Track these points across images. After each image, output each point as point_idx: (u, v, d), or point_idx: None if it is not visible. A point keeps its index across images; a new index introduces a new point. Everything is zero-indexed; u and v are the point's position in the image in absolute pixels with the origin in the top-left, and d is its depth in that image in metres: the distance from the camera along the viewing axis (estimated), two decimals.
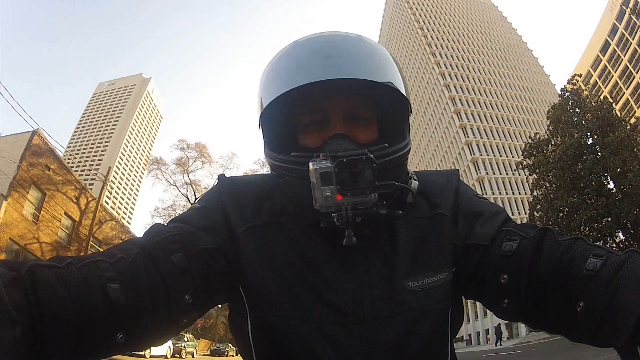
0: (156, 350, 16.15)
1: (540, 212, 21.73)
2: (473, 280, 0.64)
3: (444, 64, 72.59)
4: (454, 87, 69.00)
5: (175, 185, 27.70)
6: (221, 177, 0.72)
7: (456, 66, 73.21)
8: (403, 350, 0.59)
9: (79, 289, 0.42)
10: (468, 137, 62.91)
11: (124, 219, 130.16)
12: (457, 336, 0.69)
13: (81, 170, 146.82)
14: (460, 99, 67.36)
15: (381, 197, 0.58)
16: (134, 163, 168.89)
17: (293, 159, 0.62)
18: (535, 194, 23.13)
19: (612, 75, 56.95)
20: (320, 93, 0.62)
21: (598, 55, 59.87)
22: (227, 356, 30.93)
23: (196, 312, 0.57)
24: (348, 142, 0.61)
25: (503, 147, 64.03)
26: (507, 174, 59.83)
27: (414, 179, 0.67)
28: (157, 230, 0.58)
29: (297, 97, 0.61)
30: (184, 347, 21.21)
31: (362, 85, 0.60)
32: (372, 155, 0.56)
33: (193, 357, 22.97)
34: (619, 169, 19.60)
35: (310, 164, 0.56)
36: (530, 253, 0.57)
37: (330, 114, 0.64)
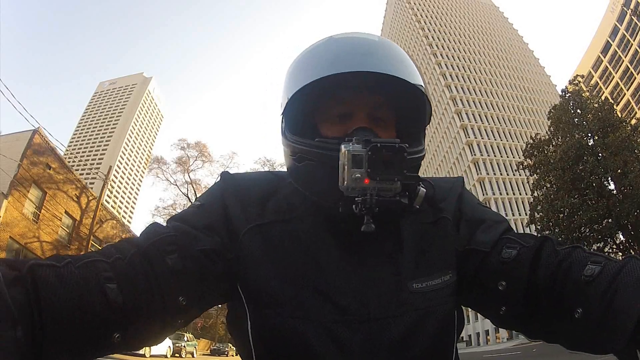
0: (156, 350, 16.17)
1: (540, 213, 21.70)
2: (471, 286, 0.65)
3: (445, 65, 72.52)
4: (455, 87, 68.92)
5: (176, 185, 27.75)
6: (224, 174, 0.72)
7: (457, 67, 73.14)
8: (407, 351, 0.59)
9: (79, 288, 0.43)
10: (469, 137, 62.84)
11: (125, 218, 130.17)
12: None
13: (82, 169, 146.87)
14: (461, 100, 67.30)
15: (404, 188, 0.58)
16: (135, 162, 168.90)
17: (318, 143, 0.62)
18: (535, 194, 23.09)
19: (613, 76, 56.89)
20: (353, 85, 0.63)
21: (599, 56, 59.82)
22: (227, 356, 30.95)
23: (192, 312, 0.57)
24: (373, 135, 0.62)
25: (504, 147, 63.96)
26: (507, 174, 59.75)
27: (422, 187, 0.67)
28: (153, 230, 0.58)
29: (330, 86, 0.62)
30: (184, 346, 21.20)
31: (393, 85, 0.62)
32: (404, 146, 0.55)
33: (193, 356, 22.96)
34: (619, 170, 19.58)
35: (343, 146, 0.56)
36: (528, 260, 0.58)
37: (355, 109, 0.65)
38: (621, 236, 20.47)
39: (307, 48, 0.68)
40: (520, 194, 58.33)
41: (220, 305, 0.67)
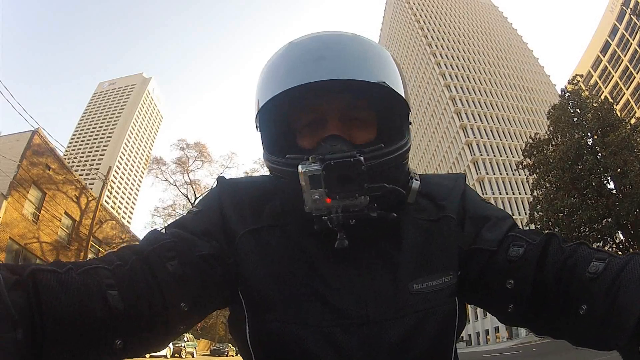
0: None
1: (540, 213, 21.72)
2: (478, 285, 0.64)
3: (445, 64, 72.53)
4: (454, 87, 68.94)
5: (175, 185, 27.76)
6: (221, 179, 0.72)
7: (457, 66, 73.16)
8: (406, 353, 0.58)
9: (80, 294, 0.43)
10: (468, 137, 62.86)
11: (124, 218, 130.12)
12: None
13: (81, 170, 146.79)
14: (460, 99, 67.32)
15: (373, 199, 0.57)
16: (134, 162, 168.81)
17: (287, 161, 0.61)
18: (535, 194, 23.11)
19: (613, 76, 56.91)
20: (315, 94, 0.61)
21: (598, 56, 59.84)
22: (227, 356, 30.98)
23: (194, 318, 0.57)
24: (342, 143, 0.60)
25: (503, 147, 63.99)
26: (507, 174, 59.79)
27: (416, 179, 0.67)
28: (153, 237, 0.58)
29: (293, 98, 0.61)
30: (184, 347, 21.25)
31: (357, 85, 0.59)
32: (361, 158, 0.55)
33: (193, 357, 23.00)
34: (619, 170, 19.59)
35: (300, 166, 0.55)
36: (536, 258, 0.58)
37: (327, 114, 0.63)
38: (621, 235, 20.48)
39: (270, 58, 0.66)
40: (519, 194, 58.36)
41: None
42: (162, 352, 17.49)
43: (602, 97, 26.49)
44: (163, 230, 0.63)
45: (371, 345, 0.57)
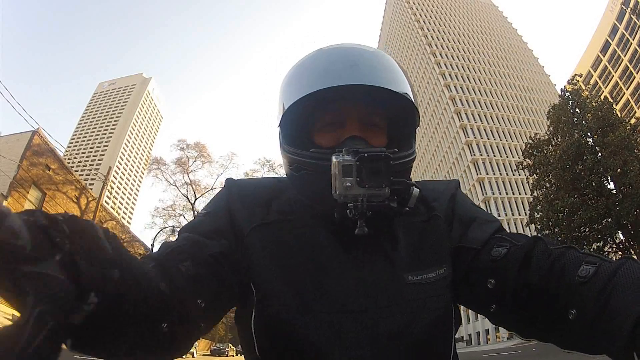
0: None
1: (540, 213, 21.68)
2: (462, 284, 0.67)
3: (444, 64, 72.51)
4: (454, 87, 68.91)
5: (175, 185, 27.72)
6: (228, 181, 0.76)
7: (456, 66, 73.13)
8: (406, 339, 0.61)
9: (144, 275, 0.46)
10: (468, 137, 62.82)
11: (124, 219, 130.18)
12: (456, 336, 0.71)
13: (81, 170, 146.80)
14: (460, 99, 67.29)
15: (394, 192, 0.62)
16: (134, 163, 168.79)
17: (312, 154, 0.67)
18: (535, 194, 23.07)
19: (613, 76, 56.94)
20: (342, 97, 0.67)
21: (598, 56, 59.86)
22: (227, 356, 31.01)
23: (211, 316, 0.60)
24: (364, 143, 0.67)
25: (503, 147, 63.94)
26: (507, 174, 59.72)
27: (416, 187, 0.70)
28: (166, 245, 0.62)
29: (321, 98, 0.66)
30: None
31: (381, 94, 0.66)
32: (389, 154, 0.61)
33: (193, 356, 23.00)
34: (619, 169, 19.56)
35: (334, 157, 0.61)
36: (518, 259, 0.59)
37: (347, 117, 0.70)
38: (621, 235, 20.46)
39: (298, 62, 0.73)
40: (520, 194, 58.28)
41: None
42: None
43: (602, 97, 26.40)
44: (173, 238, 0.66)
45: (371, 332, 0.61)
